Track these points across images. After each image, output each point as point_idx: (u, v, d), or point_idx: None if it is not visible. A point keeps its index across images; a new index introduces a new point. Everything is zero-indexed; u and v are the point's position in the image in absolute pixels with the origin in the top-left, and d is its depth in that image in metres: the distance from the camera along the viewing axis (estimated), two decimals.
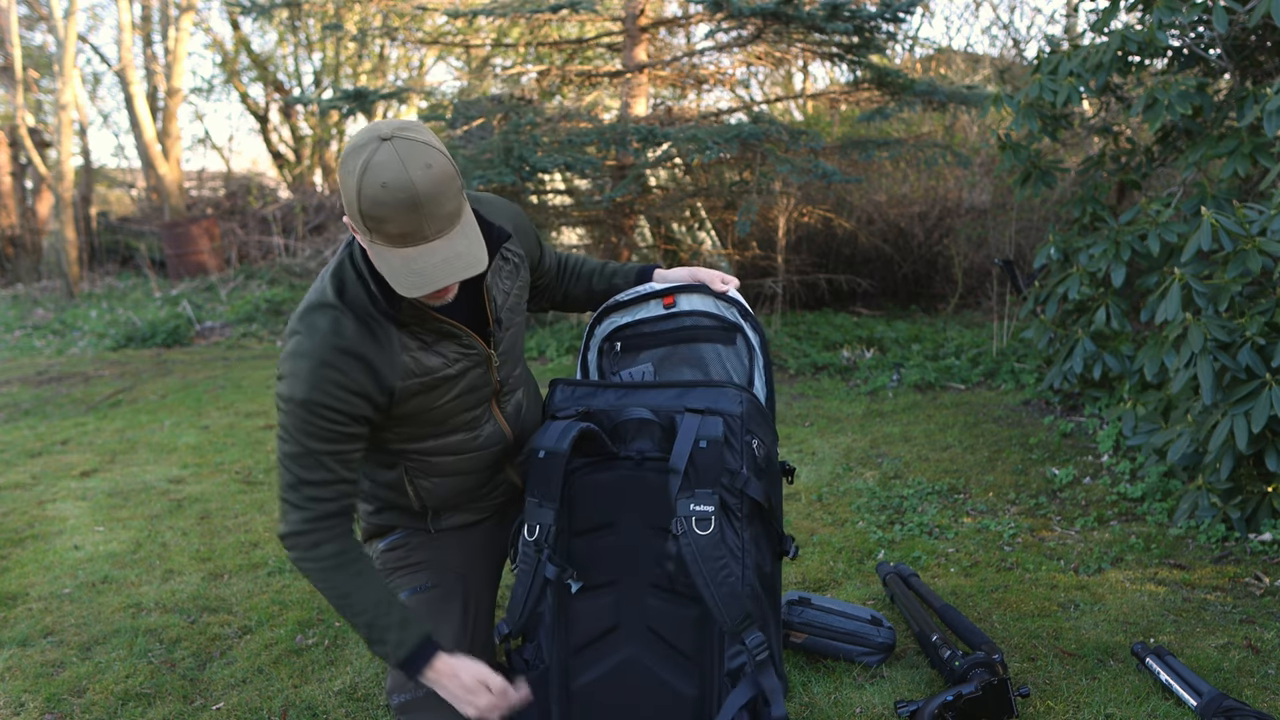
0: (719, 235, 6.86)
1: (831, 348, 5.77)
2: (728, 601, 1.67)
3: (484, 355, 1.77)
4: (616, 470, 1.79)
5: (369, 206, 1.47)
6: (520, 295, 1.87)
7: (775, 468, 1.86)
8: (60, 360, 7.12)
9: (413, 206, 1.46)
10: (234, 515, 3.51)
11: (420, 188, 1.46)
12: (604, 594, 1.81)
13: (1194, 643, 2.29)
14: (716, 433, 1.70)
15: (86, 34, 13.56)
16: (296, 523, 1.67)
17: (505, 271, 1.81)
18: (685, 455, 1.68)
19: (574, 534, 1.83)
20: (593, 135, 5.29)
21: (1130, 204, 4.58)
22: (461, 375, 1.75)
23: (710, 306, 1.98)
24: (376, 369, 1.64)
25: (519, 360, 1.92)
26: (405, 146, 1.46)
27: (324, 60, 13.02)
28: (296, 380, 1.61)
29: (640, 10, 5.94)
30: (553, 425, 1.79)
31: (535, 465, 1.77)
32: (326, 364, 1.60)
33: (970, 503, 3.31)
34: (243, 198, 12.21)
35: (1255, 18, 3.23)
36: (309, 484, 1.65)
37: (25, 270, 10.90)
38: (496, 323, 1.78)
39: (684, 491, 1.67)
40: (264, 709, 2.20)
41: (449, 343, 1.72)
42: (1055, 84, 3.79)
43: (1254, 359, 2.67)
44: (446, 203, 1.50)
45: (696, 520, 1.65)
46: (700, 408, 1.73)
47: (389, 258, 1.51)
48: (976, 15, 12.26)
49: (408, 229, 1.48)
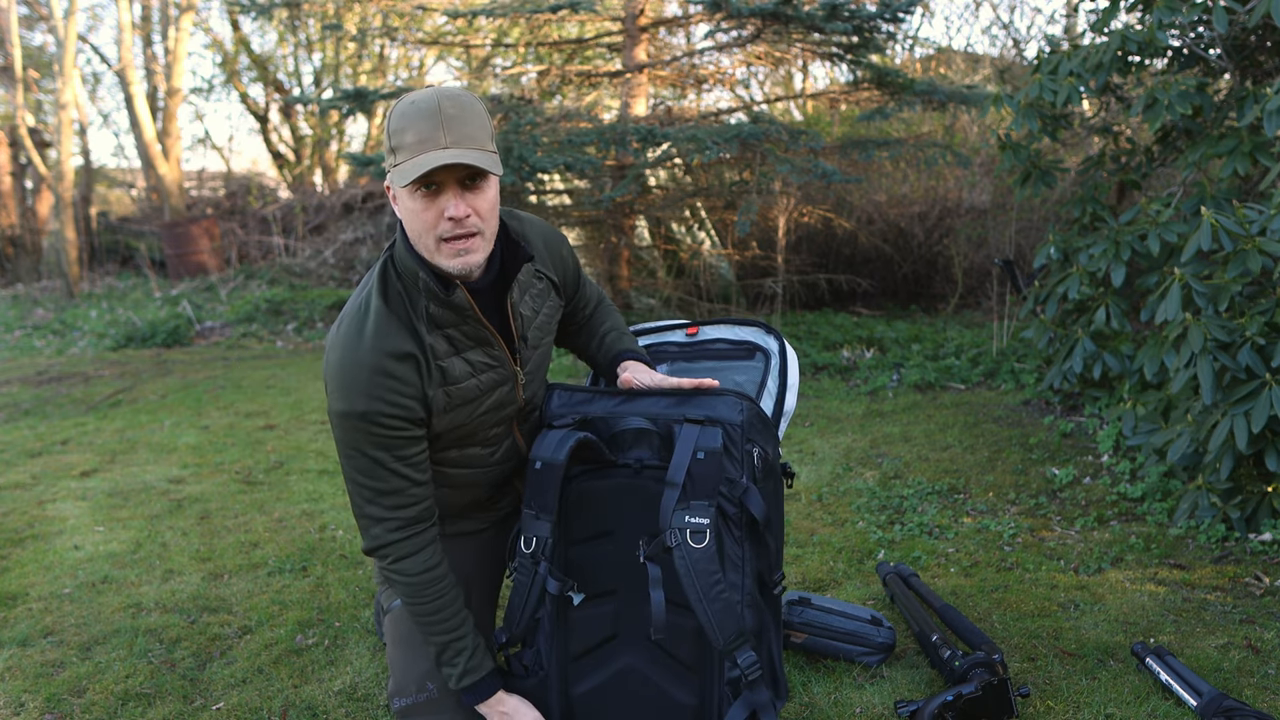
0: (719, 235, 6.86)
1: (831, 348, 5.77)
2: (721, 619, 1.64)
3: (511, 373, 1.76)
4: (614, 478, 1.76)
5: (395, 122, 1.55)
6: (550, 318, 1.87)
7: (777, 474, 1.84)
8: (60, 360, 7.12)
9: (431, 114, 1.52)
10: (234, 515, 3.51)
11: (443, 103, 1.54)
12: (603, 603, 1.79)
13: (1194, 643, 2.29)
14: (715, 444, 1.66)
15: (86, 34, 13.56)
16: (382, 535, 1.66)
17: (534, 291, 1.81)
18: (683, 468, 1.65)
19: (571, 542, 1.80)
20: (593, 135, 5.29)
21: (1130, 204, 4.58)
22: (489, 391, 1.74)
23: (731, 334, 1.99)
24: (423, 371, 1.64)
25: (544, 383, 1.91)
26: (443, 86, 1.59)
27: (324, 60, 13.02)
28: (349, 392, 1.61)
29: (640, 10, 5.94)
30: (549, 435, 1.76)
31: (532, 476, 1.75)
32: (379, 371, 1.60)
33: (970, 503, 3.31)
34: (243, 198, 12.21)
35: (1255, 18, 3.23)
36: (386, 494, 1.65)
37: (25, 270, 10.90)
38: (523, 339, 1.77)
39: (680, 504, 1.64)
40: (264, 709, 2.20)
41: (477, 350, 1.70)
42: (1055, 84, 3.79)
43: (1254, 359, 2.67)
44: (468, 124, 1.55)
45: (691, 533, 1.62)
46: (699, 417, 1.70)
47: (406, 168, 1.54)
48: (976, 15, 12.27)
49: (424, 134, 1.52)
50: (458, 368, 1.69)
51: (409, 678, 1.85)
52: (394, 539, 1.66)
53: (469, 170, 1.57)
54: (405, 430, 1.63)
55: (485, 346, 1.71)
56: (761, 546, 1.74)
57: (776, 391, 1.90)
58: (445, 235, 1.59)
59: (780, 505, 1.85)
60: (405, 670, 1.87)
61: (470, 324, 1.68)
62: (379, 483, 1.64)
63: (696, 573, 1.61)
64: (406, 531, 1.67)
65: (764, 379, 1.92)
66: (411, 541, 1.67)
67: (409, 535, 1.67)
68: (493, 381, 1.74)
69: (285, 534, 3.30)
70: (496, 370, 1.74)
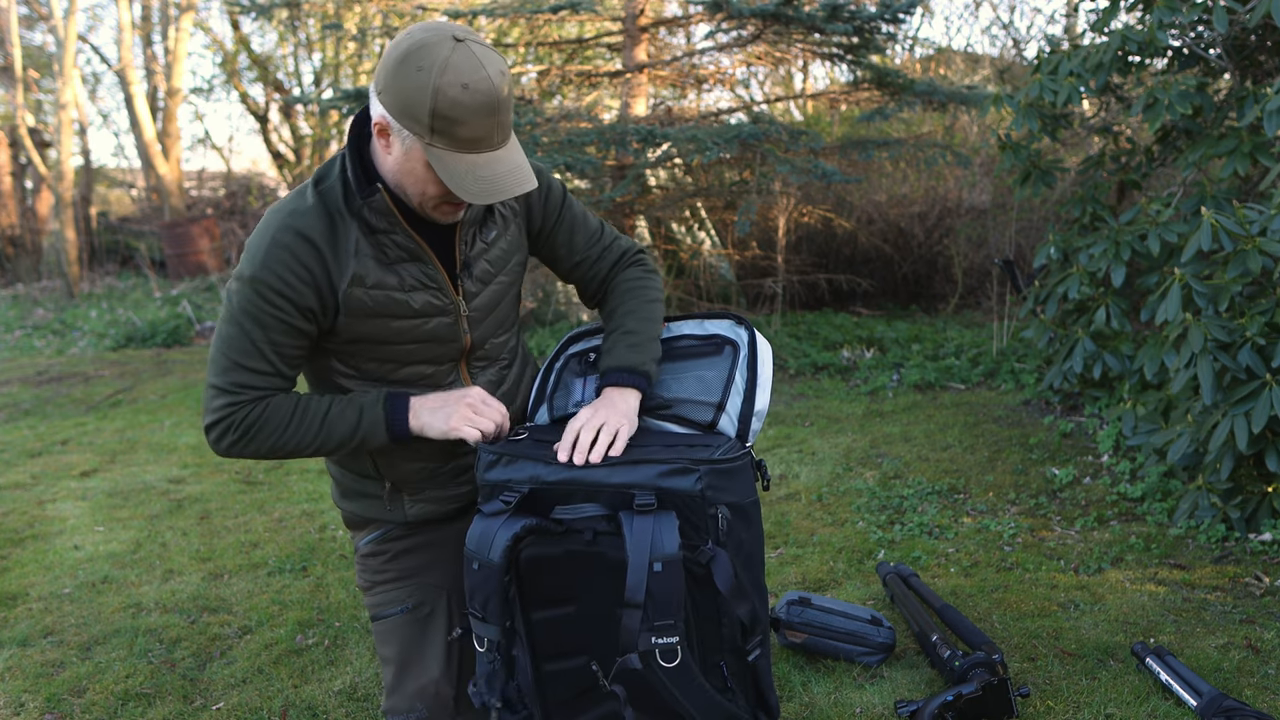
0: (719, 235, 6.86)
1: (831, 348, 5.77)
2: (706, 713, 1.55)
3: (451, 302, 1.66)
4: (566, 545, 1.57)
5: (446, 107, 1.42)
6: (507, 253, 1.74)
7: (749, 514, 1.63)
8: (60, 360, 7.12)
9: (491, 111, 1.43)
10: (234, 515, 3.51)
11: (500, 93, 1.44)
12: (577, 658, 1.67)
13: (1194, 643, 2.29)
14: (672, 549, 1.46)
15: (86, 34, 13.58)
16: (220, 409, 1.58)
17: (489, 223, 1.70)
18: (642, 586, 1.46)
19: (530, 607, 1.64)
20: (592, 135, 5.29)
21: (1130, 204, 4.58)
22: (424, 315, 1.64)
23: (698, 329, 1.82)
24: (326, 260, 1.56)
25: (505, 328, 1.79)
26: (480, 50, 1.44)
27: (324, 60, 13.02)
28: (248, 258, 1.56)
29: (640, 10, 5.94)
30: (483, 525, 1.56)
31: (469, 575, 1.57)
32: (278, 244, 1.54)
33: (970, 503, 3.31)
34: (243, 198, 12.22)
35: (1255, 18, 3.23)
36: (242, 369, 1.57)
37: (25, 270, 10.91)
38: (465, 268, 1.67)
39: (644, 624, 1.47)
40: (264, 709, 2.20)
41: (412, 265, 1.62)
42: (1055, 84, 3.79)
43: (1254, 359, 2.67)
44: (511, 112, 1.48)
45: (660, 653, 1.48)
46: (648, 503, 1.50)
47: (451, 162, 1.46)
48: (976, 15, 12.26)
49: (480, 133, 1.45)
50: (384, 277, 1.60)
51: (400, 698, 1.82)
52: (227, 414, 1.58)
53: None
54: (288, 316, 1.55)
55: (419, 263, 1.62)
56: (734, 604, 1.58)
57: (745, 387, 1.72)
58: (437, 205, 1.56)
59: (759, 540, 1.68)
60: (392, 689, 1.84)
61: (400, 233, 1.59)
62: (241, 356, 1.56)
63: (675, 683, 1.51)
64: (240, 409, 1.58)
65: (731, 374, 1.74)
66: (239, 413, 1.59)
67: (240, 410, 1.59)
68: (428, 305, 1.64)
69: (285, 534, 3.30)
70: (433, 293, 1.64)
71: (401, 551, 1.84)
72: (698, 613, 1.57)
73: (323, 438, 1.63)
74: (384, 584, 1.84)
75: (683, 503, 1.50)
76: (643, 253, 1.90)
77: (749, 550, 1.62)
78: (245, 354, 1.57)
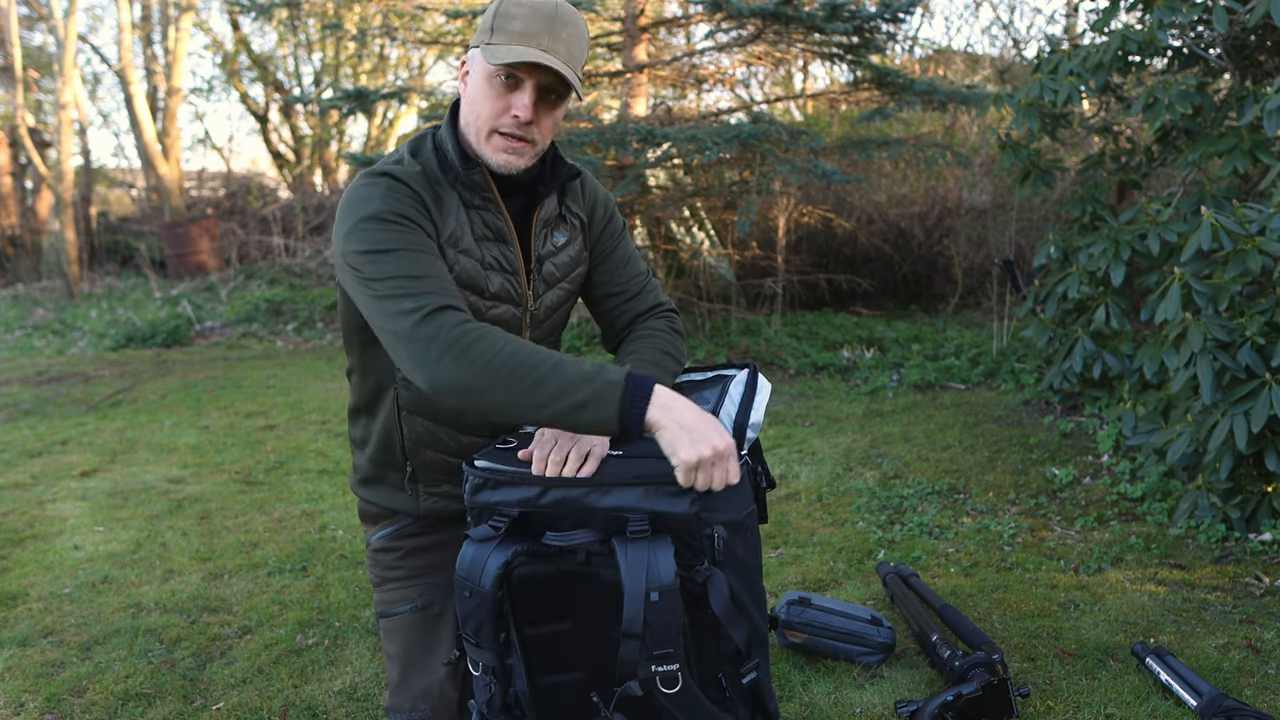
0: (719, 235, 6.86)
1: (831, 348, 5.77)
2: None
3: (521, 294, 1.68)
4: (559, 564, 1.54)
5: (508, 6, 1.56)
6: (571, 264, 1.75)
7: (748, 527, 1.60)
8: (60, 360, 7.12)
9: (547, 19, 1.55)
10: (234, 515, 3.51)
11: (560, 10, 1.56)
12: (571, 674, 1.65)
13: (1194, 643, 2.29)
14: (669, 577, 1.43)
15: (86, 34, 13.57)
16: (420, 318, 1.42)
17: (561, 228, 1.74)
18: (639, 617, 1.43)
19: (524, 624, 1.61)
20: (592, 135, 5.29)
21: (1130, 203, 4.58)
22: (496, 299, 1.65)
23: (698, 376, 1.80)
24: (430, 211, 1.59)
25: (553, 340, 1.82)
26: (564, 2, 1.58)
27: (324, 60, 13.03)
28: (366, 204, 1.54)
29: (640, 10, 5.94)
30: (474, 551, 1.51)
31: (461, 602, 1.54)
32: (392, 188, 1.56)
33: (970, 503, 3.31)
34: (243, 198, 12.21)
35: (1255, 18, 3.23)
36: (417, 278, 1.47)
37: (25, 270, 10.91)
38: (538, 263, 1.70)
39: (643, 654, 1.45)
40: (264, 709, 2.20)
41: (494, 244, 1.66)
42: (1055, 84, 3.79)
43: (1254, 359, 2.67)
44: (572, 43, 1.57)
45: (661, 680, 1.47)
46: (642, 529, 1.46)
47: (500, 49, 1.55)
48: (976, 15, 12.27)
49: (531, 29, 1.54)
50: (473, 247, 1.63)
51: (403, 696, 1.83)
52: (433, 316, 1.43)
53: (555, 79, 1.57)
54: (422, 237, 1.53)
55: (502, 244, 1.66)
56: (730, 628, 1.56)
57: (740, 399, 1.70)
58: (503, 129, 1.60)
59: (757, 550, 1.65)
60: (396, 687, 1.84)
61: (491, 210, 1.65)
62: (410, 267, 1.47)
63: (676, 706, 1.50)
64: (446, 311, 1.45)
65: (725, 389, 1.71)
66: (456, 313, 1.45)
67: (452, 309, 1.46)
68: (503, 288, 1.65)
69: (285, 534, 3.30)
70: (508, 278, 1.65)
71: (414, 549, 1.85)
72: (695, 629, 1.56)
73: (549, 366, 1.42)
74: (394, 581, 1.85)
75: (677, 525, 1.48)
76: (676, 312, 1.88)
77: (748, 564, 1.62)
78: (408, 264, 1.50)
